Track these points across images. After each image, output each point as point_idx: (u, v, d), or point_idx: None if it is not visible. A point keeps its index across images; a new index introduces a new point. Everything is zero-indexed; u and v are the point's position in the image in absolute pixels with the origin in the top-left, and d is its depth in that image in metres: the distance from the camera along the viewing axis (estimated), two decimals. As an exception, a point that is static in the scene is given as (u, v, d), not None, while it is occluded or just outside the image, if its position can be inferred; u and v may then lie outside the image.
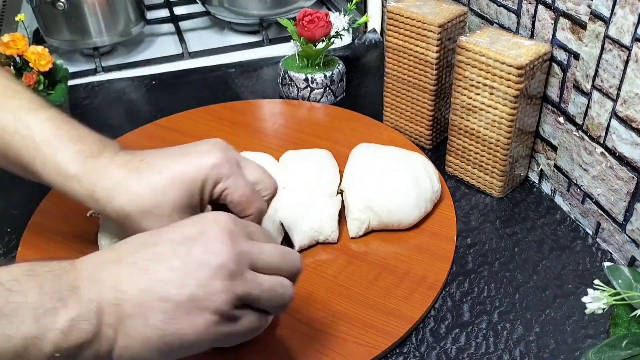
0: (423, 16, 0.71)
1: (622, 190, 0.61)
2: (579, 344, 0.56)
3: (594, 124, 0.63)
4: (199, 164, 0.52)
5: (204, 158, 0.52)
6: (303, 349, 0.55)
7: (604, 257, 0.64)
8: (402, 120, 0.82)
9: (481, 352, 0.55)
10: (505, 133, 0.67)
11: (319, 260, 0.64)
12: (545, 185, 0.74)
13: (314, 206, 0.65)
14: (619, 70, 0.58)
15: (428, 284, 0.61)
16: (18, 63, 0.78)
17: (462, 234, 0.68)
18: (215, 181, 0.52)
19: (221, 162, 0.52)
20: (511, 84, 0.64)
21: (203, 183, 0.52)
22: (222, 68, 1.00)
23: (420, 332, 0.57)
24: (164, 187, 0.51)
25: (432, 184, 0.68)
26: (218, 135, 0.81)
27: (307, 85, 0.89)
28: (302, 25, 0.86)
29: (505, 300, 0.60)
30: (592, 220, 0.67)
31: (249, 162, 0.56)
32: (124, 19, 1.01)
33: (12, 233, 0.68)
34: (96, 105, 0.91)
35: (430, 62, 0.73)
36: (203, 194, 0.52)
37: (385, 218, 0.65)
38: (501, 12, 0.74)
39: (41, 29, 1.00)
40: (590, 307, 0.48)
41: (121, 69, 1.00)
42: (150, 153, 0.54)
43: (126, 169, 0.52)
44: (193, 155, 0.53)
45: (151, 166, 0.52)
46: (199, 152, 0.53)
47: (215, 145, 0.54)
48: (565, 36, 0.64)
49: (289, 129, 0.84)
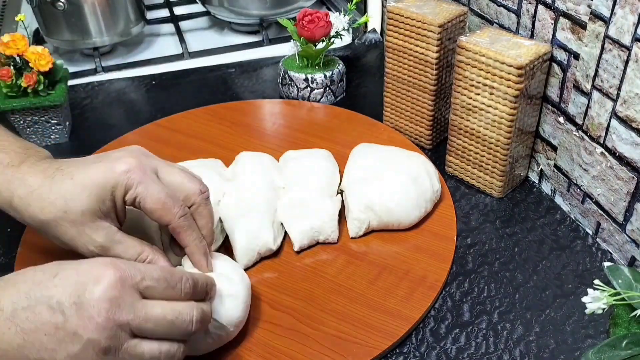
0: (423, 16, 0.71)
1: (622, 190, 0.61)
2: (579, 344, 0.56)
3: (594, 124, 0.63)
4: (109, 169, 0.52)
5: (115, 164, 0.52)
6: (303, 349, 0.55)
7: (604, 257, 0.64)
8: (402, 120, 0.82)
9: (481, 352, 0.55)
10: (505, 133, 0.67)
11: (319, 260, 0.64)
12: (545, 185, 0.74)
13: (314, 206, 0.65)
14: (619, 70, 0.58)
15: (428, 284, 0.61)
16: (18, 63, 0.78)
17: (462, 234, 0.68)
18: (126, 187, 0.52)
19: (132, 168, 0.52)
20: (511, 84, 0.64)
21: (113, 189, 0.52)
22: (222, 68, 1.00)
23: (420, 332, 0.57)
24: (73, 193, 0.51)
25: (432, 184, 0.68)
26: (218, 135, 0.82)
27: (307, 85, 0.89)
28: (302, 25, 0.86)
29: (505, 300, 0.60)
30: (592, 220, 0.67)
31: (170, 168, 0.55)
32: (124, 19, 1.01)
33: (12, 233, 0.68)
34: (96, 105, 0.91)
35: (430, 62, 0.73)
36: (115, 200, 0.52)
37: (385, 218, 0.65)
38: (501, 12, 0.74)
39: (41, 29, 1.00)
40: (590, 307, 0.48)
41: (121, 69, 1.00)
42: (69, 161, 0.55)
43: (41, 176, 0.53)
44: (105, 161, 0.53)
45: (64, 173, 0.52)
46: (111, 158, 0.53)
47: (131, 153, 0.54)
48: (565, 36, 0.64)
49: (289, 129, 0.84)
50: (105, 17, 0.98)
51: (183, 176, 0.55)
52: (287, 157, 0.73)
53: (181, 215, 0.53)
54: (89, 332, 0.41)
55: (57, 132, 0.83)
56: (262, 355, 0.54)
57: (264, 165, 0.71)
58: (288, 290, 0.60)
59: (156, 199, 0.52)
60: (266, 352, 0.54)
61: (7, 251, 0.66)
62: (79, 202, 0.51)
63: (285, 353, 0.54)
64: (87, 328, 0.41)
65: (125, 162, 0.52)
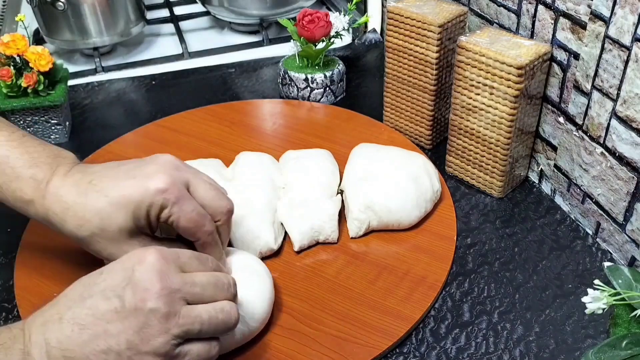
0: (423, 16, 0.71)
1: (622, 190, 0.61)
2: (579, 344, 0.56)
3: (594, 124, 0.63)
4: (144, 188, 0.52)
5: (150, 182, 0.52)
6: (303, 349, 0.55)
7: (604, 257, 0.64)
8: (402, 120, 0.82)
9: (481, 352, 0.55)
10: (505, 133, 0.67)
11: (319, 260, 0.64)
12: (545, 185, 0.74)
13: (314, 206, 0.65)
14: (619, 70, 0.58)
15: (428, 284, 0.61)
16: (18, 63, 0.78)
17: (462, 234, 0.68)
18: (161, 207, 0.52)
19: (167, 187, 0.52)
20: (511, 84, 0.64)
21: (148, 208, 0.52)
22: (222, 68, 1.00)
23: (420, 332, 0.57)
24: (109, 212, 0.52)
25: (432, 184, 0.68)
26: (218, 135, 0.82)
27: (307, 85, 0.89)
28: (302, 25, 0.86)
29: (505, 300, 0.60)
30: (592, 220, 0.67)
31: (201, 182, 0.55)
32: (124, 19, 1.01)
33: (12, 233, 0.68)
34: (96, 105, 0.91)
35: (430, 62, 0.73)
36: (150, 218, 0.53)
37: (385, 218, 0.65)
38: (501, 12, 0.74)
39: (41, 29, 1.00)
40: (590, 307, 0.48)
41: (121, 69, 1.00)
42: (100, 172, 0.55)
43: (75, 191, 0.53)
44: (139, 178, 0.53)
45: (98, 189, 0.53)
46: (145, 175, 0.53)
47: (164, 167, 0.53)
48: (565, 36, 0.64)
49: (289, 129, 0.84)
50: (105, 17, 0.98)
51: (214, 194, 0.55)
52: (287, 157, 0.73)
53: (210, 232, 0.54)
54: (148, 302, 0.43)
55: (57, 132, 0.83)
56: (261, 355, 0.54)
57: (264, 165, 0.71)
58: (288, 290, 0.60)
59: (189, 218, 0.53)
60: (266, 352, 0.54)
61: (7, 251, 0.66)
62: (115, 221, 0.52)
63: (285, 353, 0.54)
64: (145, 300, 0.43)
65: (160, 180, 0.52)
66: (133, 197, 0.52)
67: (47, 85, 0.80)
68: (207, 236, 0.54)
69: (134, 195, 0.52)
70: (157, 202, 0.52)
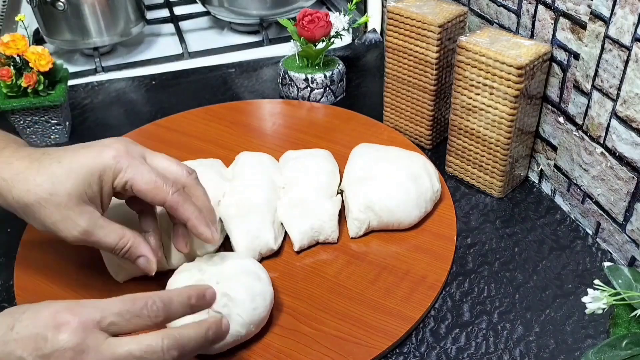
0: (423, 16, 0.71)
1: (622, 190, 0.61)
2: (579, 344, 0.56)
3: (594, 124, 0.63)
4: (98, 154, 0.53)
5: (104, 150, 0.53)
6: (303, 348, 0.55)
7: (604, 257, 0.64)
8: (402, 120, 0.82)
9: (481, 352, 0.55)
10: (505, 133, 0.67)
11: (319, 260, 0.64)
12: (545, 185, 0.74)
13: (314, 206, 0.65)
14: (619, 70, 0.58)
15: (428, 284, 0.61)
16: (18, 63, 0.78)
17: (462, 234, 0.68)
18: (115, 172, 0.53)
19: (120, 154, 0.53)
20: (511, 84, 0.64)
21: (101, 173, 0.52)
22: (222, 68, 1.00)
23: (420, 332, 0.57)
24: (61, 176, 0.52)
25: (432, 184, 0.68)
26: (218, 135, 0.82)
27: (307, 85, 0.89)
28: (302, 25, 0.86)
29: (505, 300, 0.60)
30: (592, 220, 0.67)
31: (156, 154, 0.56)
32: (124, 19, 1.01)
33: (12, 233, 0.68)
34: (96, 105, 0.91)
35: (430, 62, 0.73)
36: (102, 184, 0.53)
37: (385, 218, 0.65)
38: (501, 12, 0.74)
39: (41, 29, 1.00)
40: (590, 307, 0.48)
41: (121, 69, 1.00)
42: (56, 148, 0.55)
43: (27, 160, 0.53)
44: (94, 147, 0.54)
45: (52, 157, 0.53)
46: (100, 145, 0.54)
47: (119, 140, 0.55)
48: (565, 36, 0.64)
49: (289, 129, 0.84)
50: (105, 17, 0.98)
51: (170, 161, 0.56)
52: (287, 157, 0.73)
53: (174, 191, 0.54)
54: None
55: (57, 132, 0.83)
56: (262, 355, 0.54)
57: (264, 165, 0.71)
58: (288, 290, 0.60)
59: (147, 180, 0.53)
60: (266, 352, 0.54)
61: (7, 251, 0.66)
62: (66, 185, 0.51)
63: (285, 353, 0.54)
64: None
65: (114, 148, 0.53)
66: (87, 163, 0.52)
67: (47, 85, 0.80)
68: (172, 195, 0.53)
69: (88, 161, 0.52)
70: (110, 167, 0.52)
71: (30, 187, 0.51)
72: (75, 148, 0.54)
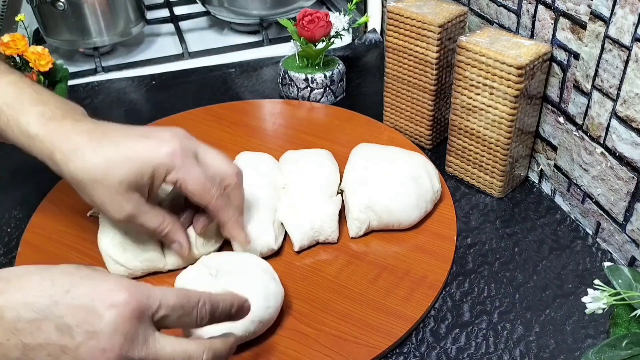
0: (423, 16, 0.71)
1: (622, 190, 0.61)
2: (579, 344, 0.56)
3: (594, 124, 0.63)
4: (155, 148, 0.55)
5: (162, 144, 0.55)
6: (303, 348, 0.55)
7: (604, 257, 0.64)
8: (402, 120, 0.82)
9: (481, 352, 0.55)
10: (505, 133, 0.67)
11: (319, 260, 0.64)
12: (545, 185, 0.74)
13: (314, 206, 0.65)
14: (619, 70, 0.58)
15: (428, 284, 0.61)
16: (18, 63, 0.78)
17: (462, 234, 0.68)
18: (168, 169, 0.55)
19: (176, 152, 0.55)
20: (511, 84, 0.64)
21: (155, 168, 0.54)
22: (222, 68, 1.00)
23: (420, 332, 0.57)
24: (116, 161, 0.54)
25: (433, 184, 0.68)
26: (218, 135, 0.82)
27: (307, 85, 0.89)
28: (302, 25, 0.86)
29: (505, 300, 0.60)
30: (592, 220, 0.67)
31: (208, 151, 0.58)
32: (124, 19, 1.01)
33: (12, 233, 0.68)
34: (96, 105, 0.91)
35: (430, 62, 0.73)
36: (154, 178, 0.55)
37: (385, 218, 0.65)
38: (501, 12, 0.74)
39: (41, 29, 1.00)
40: (590, 307, 0.48)
41: (121, 69, 1.00)
42: (114, 127, 0.57)
43: (87, 137, 0.55)
44: (152, 139, 0.55)
45: (111, 140, 0.55)
46: (158, 138, 0.56)
47: (175, 135, 0.57)
48: (565, 36, 0.64)
49: (289, 129, 0.84)
50: (105, 17, 0.98)
51: (221, 159, 0.59)
52: (287, 157, 0.73)
53: (219, 195, 0.57)
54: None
55: (57, 132, 0.83)
56: (262, 354, 0.54)
57: (264, 165, 0.71)
58: (288, 290, 0.60)
59: (197, 182, 0.55)
60: (266, 351, 0.54)
61: (7, 251, 0.66)
62: (120, 172, 0.53)
63: (285, 353, 0.54)
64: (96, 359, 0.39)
65: (171, 145, 0.55)
66: (143, 154, 0.54)
67: (47, 85, 0.80)
68: (216, 199, 0.56)
69: (145, 153, 0.54)
70: (165, 164, 0.54)
71: (86, 166, 0.54)
72: (134, 134, 0.56)
